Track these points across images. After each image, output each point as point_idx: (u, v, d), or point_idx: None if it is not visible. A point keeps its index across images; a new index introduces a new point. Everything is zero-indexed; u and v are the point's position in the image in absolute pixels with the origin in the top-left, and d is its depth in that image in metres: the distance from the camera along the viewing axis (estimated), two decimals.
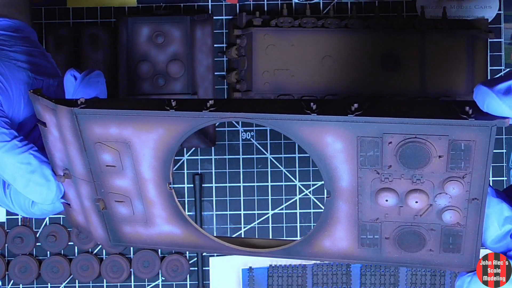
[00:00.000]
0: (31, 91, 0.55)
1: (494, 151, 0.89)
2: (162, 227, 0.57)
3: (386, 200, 0.50)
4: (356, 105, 0.48)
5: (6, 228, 0.89)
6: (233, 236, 0.89)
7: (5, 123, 0.57)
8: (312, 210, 0.89)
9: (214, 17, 0.88)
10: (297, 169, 0.89)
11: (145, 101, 0.56)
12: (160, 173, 0.54)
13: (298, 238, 0.89)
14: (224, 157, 0.89)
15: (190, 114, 0.50)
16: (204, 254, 0.89)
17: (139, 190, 0.55)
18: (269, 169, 0.89)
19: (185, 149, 0.89)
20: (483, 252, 0.53)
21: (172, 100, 0.51)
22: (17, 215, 0.88)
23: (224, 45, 0.89)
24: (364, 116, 0.47)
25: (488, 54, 0.87)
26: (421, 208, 0.50)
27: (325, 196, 0.52)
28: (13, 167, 0.56)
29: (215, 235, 0.89)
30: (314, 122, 0.48)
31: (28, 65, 0.62)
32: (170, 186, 0.55)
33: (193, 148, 0.89)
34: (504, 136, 0.89)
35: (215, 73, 0.88)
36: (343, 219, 0.52)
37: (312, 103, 0.49)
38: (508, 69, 0.88)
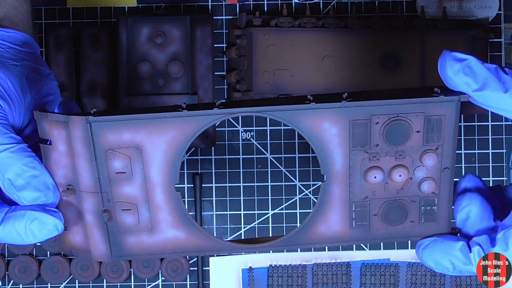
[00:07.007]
0: (37, 111, 0.57)
1: (494, 151, 0.89)
2: (166, 233, 0.58)
3: (375, 177, 0.58)
4: (346, 94, 0.57)
5: None
6: (233, 236, 0.89)
7: (11, 130, 0.57)
8: (312, 210, 0.89)
9: (214, 17, 0.88)
10: (297, 169, 0.89)
11: (155, 108, 0.60)
12: (169, 175, 0.57)
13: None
14: (224, 157, 0.89)
15: (202, 112, 0.55)
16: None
17: (146, 195, 0.57)
18: (269, 169, 0.89)
19: None
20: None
21: (182, 103, 0.56)
22: None
23: (224, 45, 0.89)
24: (355, 101, 0.56)
25: (488, 54, 0.87)
26: (403, 182, 0.58)
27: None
28: (17, 168, 0.56)
29: (215, 235, 0.89)
30: (313, 111, 0.56)
31: (30, 81, 0.62)
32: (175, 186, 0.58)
33: (193, 148, 0.89)
34: (504, 136, 0.89)
35: (215, 73, 0.88)
36: (336, 202, 0.59)
37: (308, 96, 0.57)
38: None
